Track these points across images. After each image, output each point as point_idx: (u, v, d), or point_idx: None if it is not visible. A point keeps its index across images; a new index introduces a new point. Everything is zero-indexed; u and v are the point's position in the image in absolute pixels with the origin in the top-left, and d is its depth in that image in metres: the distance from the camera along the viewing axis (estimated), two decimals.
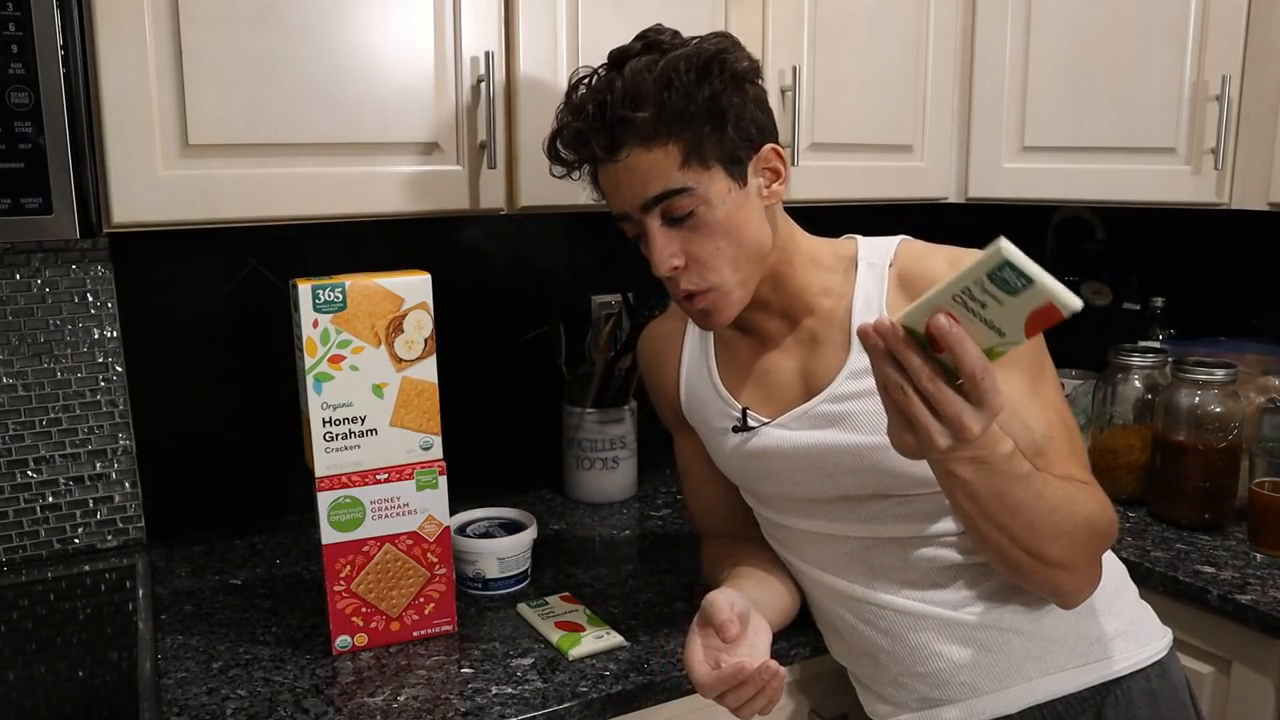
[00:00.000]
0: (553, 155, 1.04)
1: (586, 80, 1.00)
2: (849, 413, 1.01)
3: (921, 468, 1.00)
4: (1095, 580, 0.98)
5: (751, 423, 1.08)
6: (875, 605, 1.04)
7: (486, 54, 1.20)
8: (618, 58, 0.99)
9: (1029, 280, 0.69)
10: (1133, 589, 1.12)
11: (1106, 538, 0.98)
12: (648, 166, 0.96)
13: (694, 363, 1.16)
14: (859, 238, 1.09)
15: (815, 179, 1.48)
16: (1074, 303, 0.70)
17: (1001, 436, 0.85)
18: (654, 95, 0.94)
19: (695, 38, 0.99)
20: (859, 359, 1.01)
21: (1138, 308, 1.86)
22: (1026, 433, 0.97)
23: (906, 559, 1.02)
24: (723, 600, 0.94)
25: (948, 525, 1.02)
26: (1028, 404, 0.98)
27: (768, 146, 1.00)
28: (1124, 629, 1.06)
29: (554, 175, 1.06)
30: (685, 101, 0.94)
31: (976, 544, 0.97)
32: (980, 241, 1.04)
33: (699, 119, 0.95)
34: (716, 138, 0.96)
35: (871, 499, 1.02)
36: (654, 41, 0.99)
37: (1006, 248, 0.69)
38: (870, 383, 1.00)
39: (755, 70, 1.01)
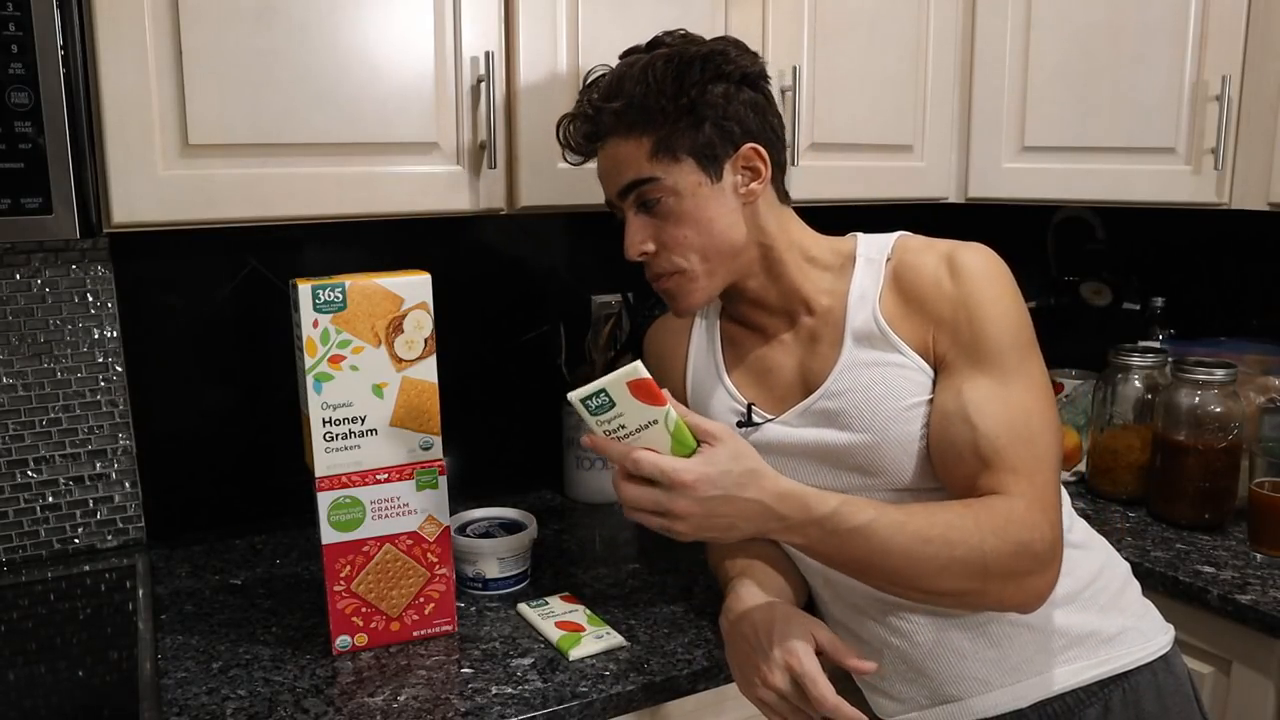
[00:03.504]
0: (563, 144, 1.10)
1: (595, 76, 1.07)
2: (842, 410, 1.03)
3: (914, 464, 1.01)
4: (1037, 590, 0.95)
5: (756, 418, 1.09)
6: (885, 600, 1.04)
7: (486, 54, 1.20)
8: (624, 54, 1.07)
9: (600, 390, 0.87)
10: (1136, 585, 1.13)
11: (1019, 557, 0.92)
12: (622, 155, 1.02)
13: (701, 357, 1.17)
14: (859, 235, 1.10)
15: (815, 179, 1.48)
16: (632, 370, 0.87)
17: (816, 500, 0.90)
18: (629, 89, 1.00)
19: (698, 38, 1.05)
20: (850, 354, 1.03)
21: (1138, 308, 1.86)
22: (967, 432, 0.96)
23: None
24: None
25: None
26: (985, 405, 0.96)
27: (748, 146, 1.03)
28: (1130, 624, 1.07)
29: (569, 162, 1.12)
30: (657, 97, 0.99)
31: None
32: (980, 241, 1.05)
33: (671, 114, 1.00)
34: (691, 133, 1.00)
35: (875, 494, 1.03)
36: (657, 40, 1.05)
37: (572, 396, 0.88)
38: (858, 379, 1.02)
39: (753, 75, 1.04)
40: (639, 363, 0.87)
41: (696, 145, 1.00)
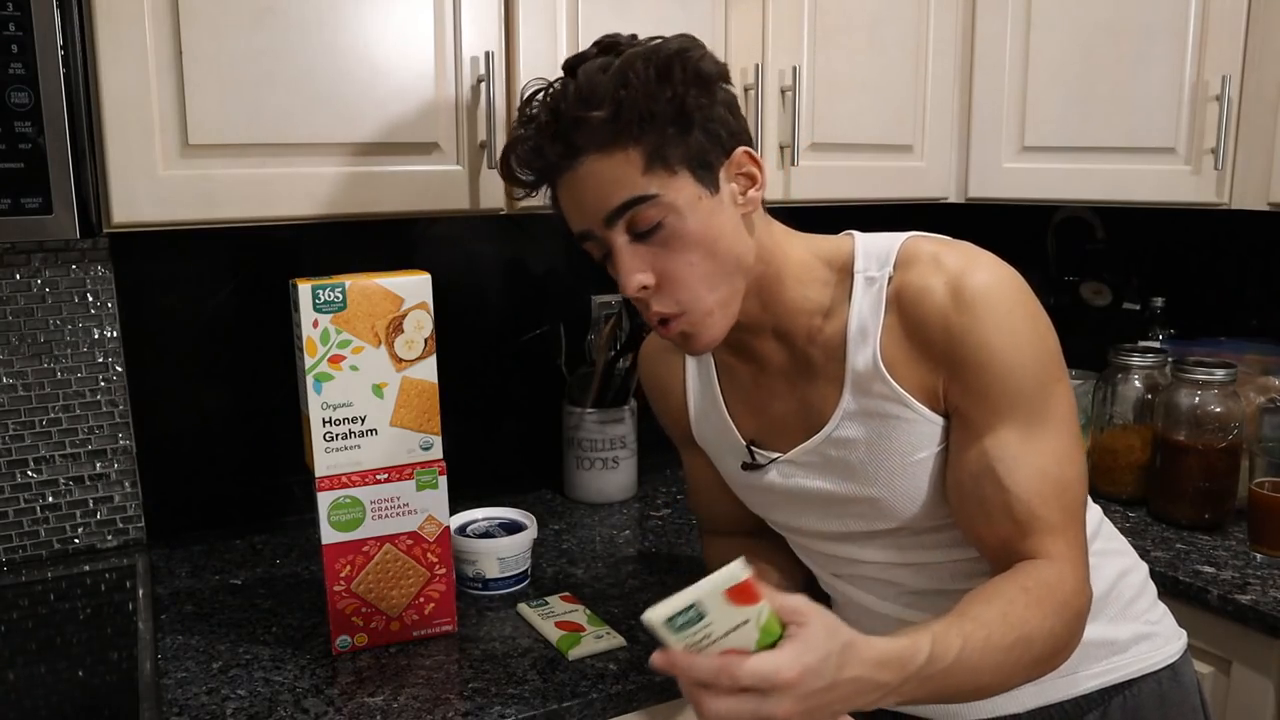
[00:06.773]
0: (507, 174, 0.96)
1: (540, 91, 0.92)
2: (845, 459, 0.97)
3: (921, 511, 0.96)
4: (1078, 644, 0.92)
5: (760, 459, 1.03)
6: (890, 609, 1.03)
7: (486, 54, 1.20)
8: (573, 63, 0.91)
9: (690, 606, 0.70)
10: (1152, 590, 1.09)
11: (1076, 627, 0.90)
12: (608, 173, 0.87)
13: (700, 387, 1.10)
14: (856, 235, 0.99)
15: (815, 179, 1.48)
16: (730, 576, 0.71)
17: (910, 653, 0.79)
18: (611, 94, 0.86)
19: (657, 38, 0.91)
20: (851, 400, 0.95)
21: (1138, 308, 1.86)
22: (998, 494, 0.89)
23: (922, 577, 1.01)
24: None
25: (962, 551, 0.99)
26: (1014, 462, 0.89)
27: (740, 150, 0.92)
28: (1141, 632, 1.04)
29: (515, 198, 0.98)
30: (645, 100, 0.86)
31: None
32: (981, 241, 1.05)
33: (661, 119, 0.87)
34: (681, 140, 0.88)
35: (883, 534, 1.00)
36: (610, 43, 0.92)
37: (651, 621, 0.70)
38: (861, 429, 0.95)
39: (723, 73, 0.93)
40: (740, 563, 0.72)
41: (690, 153, 0.88)
